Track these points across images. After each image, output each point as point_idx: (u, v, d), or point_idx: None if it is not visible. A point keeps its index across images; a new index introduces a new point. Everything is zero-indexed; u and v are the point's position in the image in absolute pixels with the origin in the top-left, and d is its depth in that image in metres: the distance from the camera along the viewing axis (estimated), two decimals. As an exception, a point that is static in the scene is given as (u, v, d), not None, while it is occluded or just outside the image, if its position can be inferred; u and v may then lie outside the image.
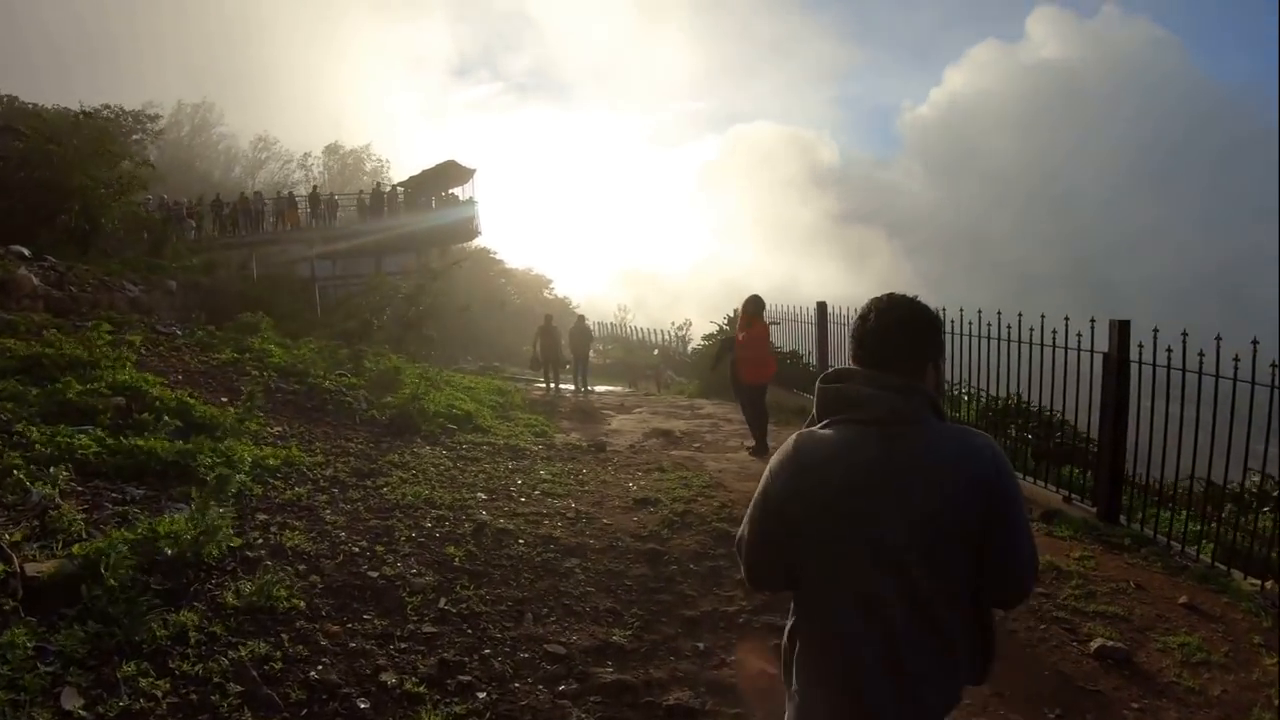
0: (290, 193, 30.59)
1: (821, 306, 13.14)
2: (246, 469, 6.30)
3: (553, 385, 17.66)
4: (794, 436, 1.93)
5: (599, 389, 20.34)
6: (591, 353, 43.88)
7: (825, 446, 1.85)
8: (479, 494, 6.68)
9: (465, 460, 7.85)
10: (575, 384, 17.96)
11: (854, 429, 1.83)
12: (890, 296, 1.94)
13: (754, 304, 9.69)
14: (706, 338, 19.02)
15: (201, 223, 27.52)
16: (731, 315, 18.31)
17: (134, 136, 36.60)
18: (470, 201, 31.33)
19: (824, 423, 1.90)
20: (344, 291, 22.06)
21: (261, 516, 5.66)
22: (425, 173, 30.96)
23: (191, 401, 7.35)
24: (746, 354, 9.50)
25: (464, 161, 31.10)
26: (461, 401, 10.19)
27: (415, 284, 15.75)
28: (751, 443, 10.08)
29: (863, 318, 1.93)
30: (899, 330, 1.88)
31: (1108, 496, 6.96)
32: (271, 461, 6.55)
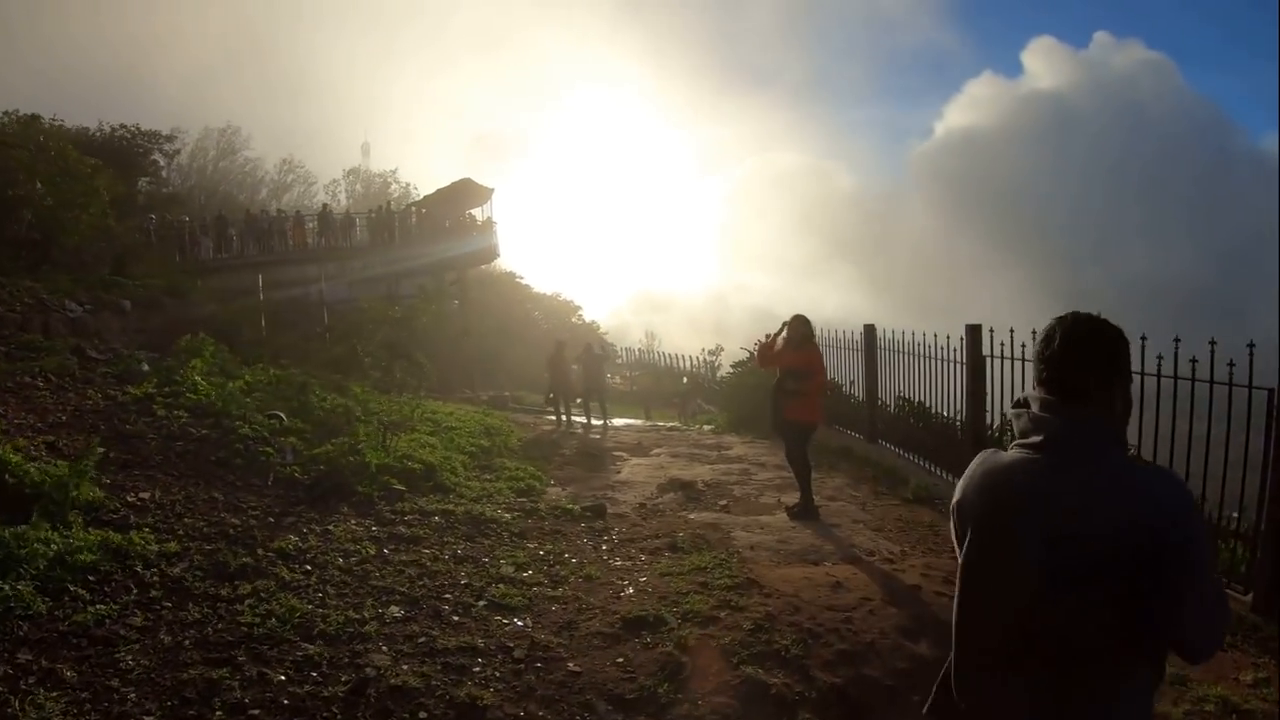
0: (298, 211, 28.79)
1: (869, 330, 10.74)
2: (39, 568, 4.11)
3: (564, 419, 15.38)
4: (980, 454, 1.88)
5: (618, 422, 18.02)
6: (618, 379, 41.99)
7: (1000, 468, 1.79)
8: (391, 608, 4.39)
9: (398, 542, 5.55)
10: (587, 418, 15.65)
11: (1027, 455, 1.75)
12: (1075, 316, 1.81)
13: (804, 325, 7.46)
14: (736, 365, 16.65)
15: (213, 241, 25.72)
16: (762, 340, 15.95)
17: (151, 157, 35.27)
18: (489, 222, 29.35)
19: (1012, 446, 1.82)
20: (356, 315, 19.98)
21: (22, 657, 3.48)
22: (440, 191, 28.95)
23: (14, 459, 5.16)
24: (797, 385, 7.27)
25: (482, 180, 29.26)
26: (426, 450, 7.91)
27: (406, 307, 13.54)
28: (790, 499, 7.80)
29: (1046, 340, 1.81)
30: (1080, 354, 1.76)
31: (1269, 583, 4.86)
32: (84, 556, 4.33)
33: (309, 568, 4.85)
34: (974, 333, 7.92)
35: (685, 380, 39.30)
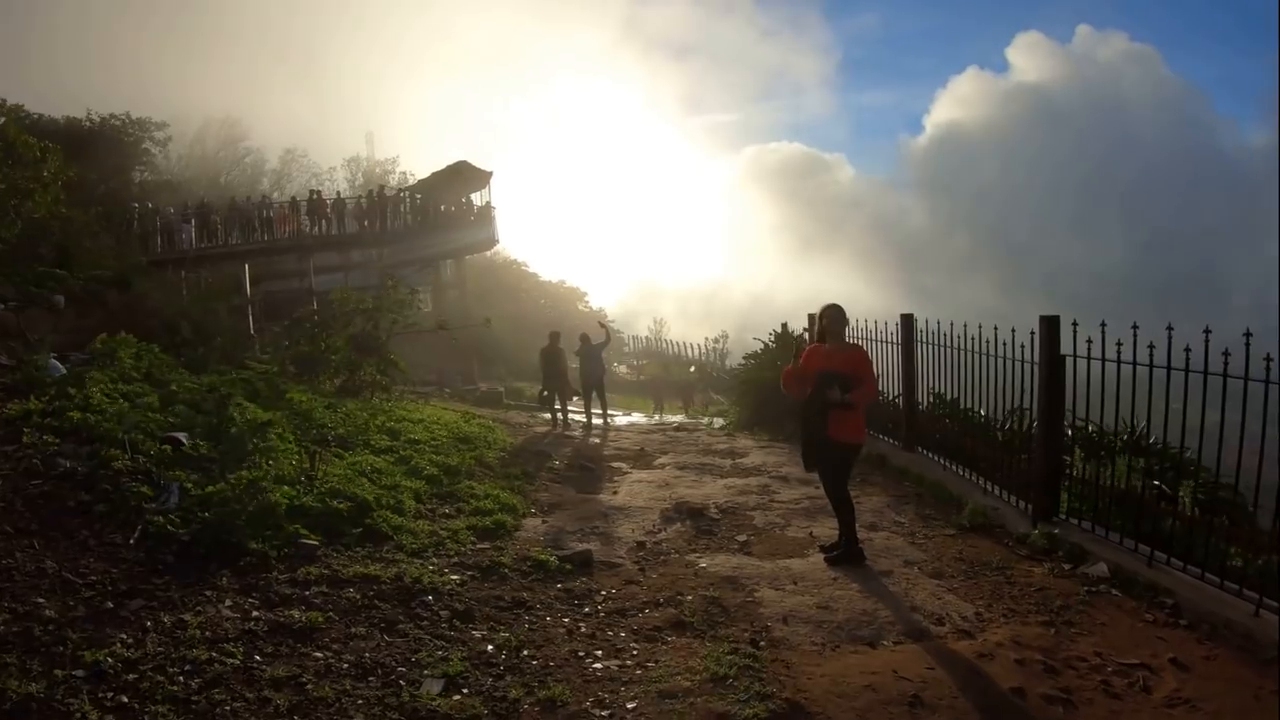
0: (294, 197, 26.99)
1: (907, 321, 8.90)
2: None
3: (560, 418, 13.64)
4: None
5: (620, 421, 16.31)
6: (624, 367, 40.19)
7: None
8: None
9: (281, 639, 3.79)
10: (587, 417, 13.91)
11: None
12: None
13: (840, 317, 5.70)
14: (748, 356, 14.86)
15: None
16: (778, 331, 14.13)
17: (142, 146, 33.63)
18: (488, 208, 27.48)
19: None
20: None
21: None
22: (436, 175, 26.99)
23: None
24: (844, 395, 5.54)
25: (480, 163, 27.33)
26: (365, 480, 6.08)
27: (374, 298, 11.83)
28: (824, 531, 6.26)
29: None
30: None
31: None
32: None
33: (124, 699, 3.13)
34: (1051, 327, 6.15)
35: (692, 369, 37.53)
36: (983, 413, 7.75)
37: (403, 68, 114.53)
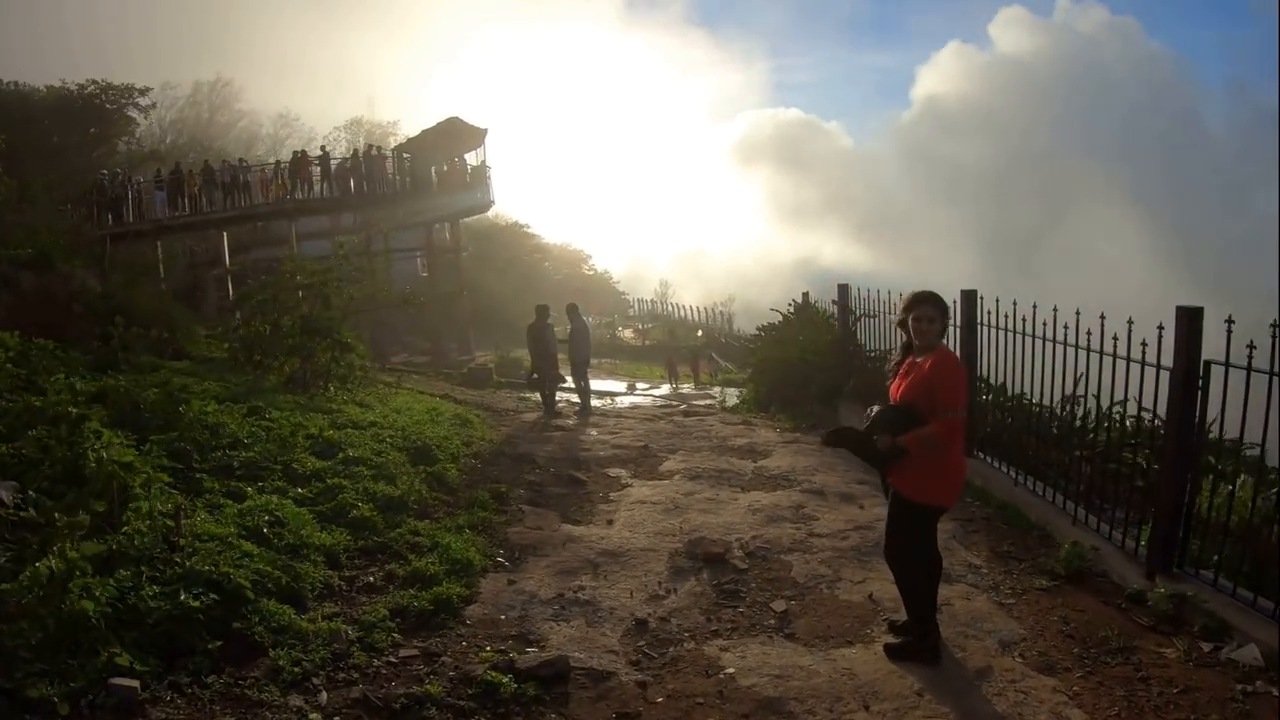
0: (277, 161, 24.84)
1: (969, 298, 6.89)
2: None
3: (551, 403, 11.82)
4: None
5: (623, 400, 14.53)
6: (629, 332, 38.42)
7: None
8: None
9: None
10: (581, 399, 12.08)
11: None
12: None
13: (935, 307, 3.76)
14: (763, 328, 13.04)
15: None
16: (797, 302, 12.23)
17: (126, 113, 31.43)
18: (482, 168, 25.33)
19: None
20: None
21: None
22: (426, 133, 24.71)
23: None
24: (898, 434, 3.71)
25: (476, 122, 25.09)
26: (249, 551, 4.18)
27: (324, 269, 9.91)
28: (886, 590, 4.54)
29: None
30: None
31: None
32: None
33: None
34: (1191, 322, 4.25)
35: (699, 333, 35.88)
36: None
37: (404, 31, 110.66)
